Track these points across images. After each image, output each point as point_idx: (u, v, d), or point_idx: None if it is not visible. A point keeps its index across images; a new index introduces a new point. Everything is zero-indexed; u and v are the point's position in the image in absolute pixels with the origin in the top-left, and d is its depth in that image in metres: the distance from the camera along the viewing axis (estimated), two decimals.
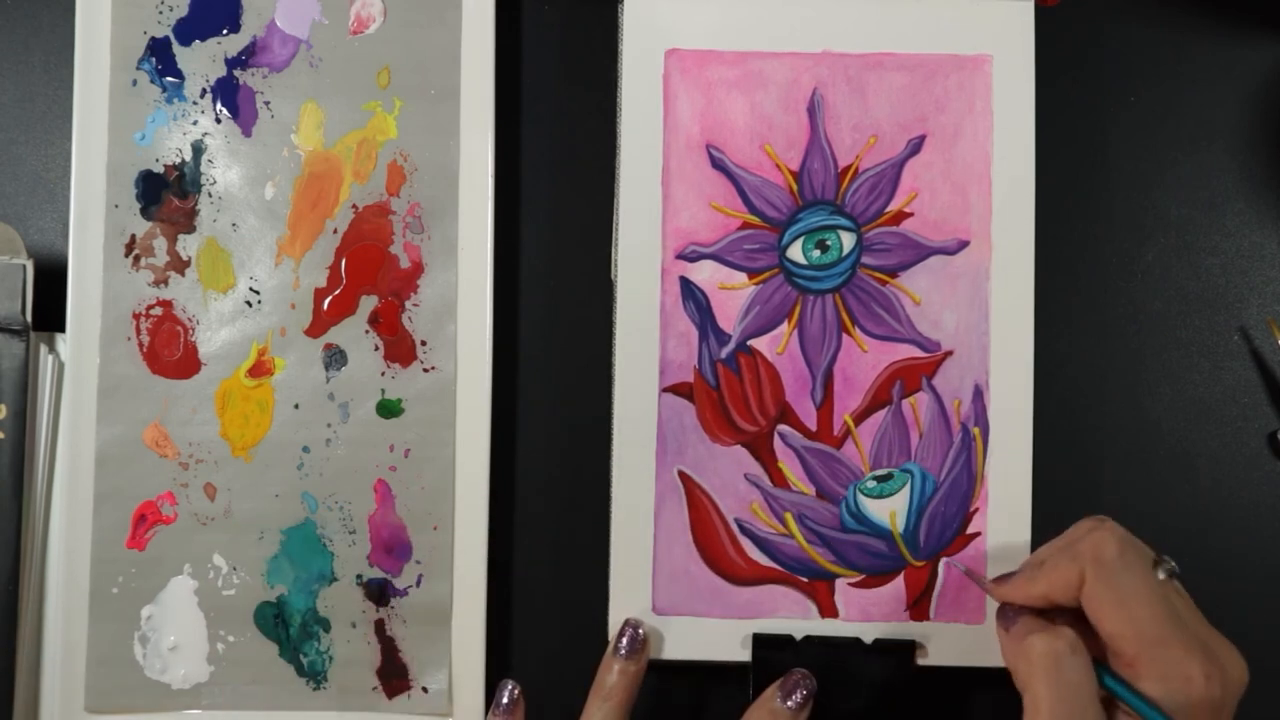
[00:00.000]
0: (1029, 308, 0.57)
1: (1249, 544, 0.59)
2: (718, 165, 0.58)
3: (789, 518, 0.57)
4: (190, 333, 0.58)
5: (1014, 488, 0.57)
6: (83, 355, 0.58)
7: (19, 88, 0.61)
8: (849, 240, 0.57)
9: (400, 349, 0.58)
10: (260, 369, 0.58)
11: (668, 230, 0.58)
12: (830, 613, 0.57)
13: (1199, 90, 0.61)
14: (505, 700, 0.55)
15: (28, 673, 0.57)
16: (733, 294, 0.57)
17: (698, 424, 0.57)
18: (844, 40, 0.58)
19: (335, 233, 0.58)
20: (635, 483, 0.57)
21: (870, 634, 0.57)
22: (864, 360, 0.57)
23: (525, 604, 0.59)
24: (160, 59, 0.58)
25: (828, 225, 0.57)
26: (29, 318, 0.57)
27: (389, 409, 0.58)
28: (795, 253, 0.57)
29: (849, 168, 0.58)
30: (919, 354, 0.57)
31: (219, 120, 0.58)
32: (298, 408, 0.58)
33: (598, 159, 0.59)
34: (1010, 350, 0.57)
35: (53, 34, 0.61)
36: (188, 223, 0.58)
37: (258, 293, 0.58)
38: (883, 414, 0.57)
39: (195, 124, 0.58)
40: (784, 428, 0.57)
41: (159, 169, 0.58)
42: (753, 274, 0.58)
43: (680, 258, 0.58)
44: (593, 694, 0.55)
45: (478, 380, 0.58)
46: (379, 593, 0.58)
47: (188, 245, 0.58)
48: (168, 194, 0.58)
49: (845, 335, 0.57)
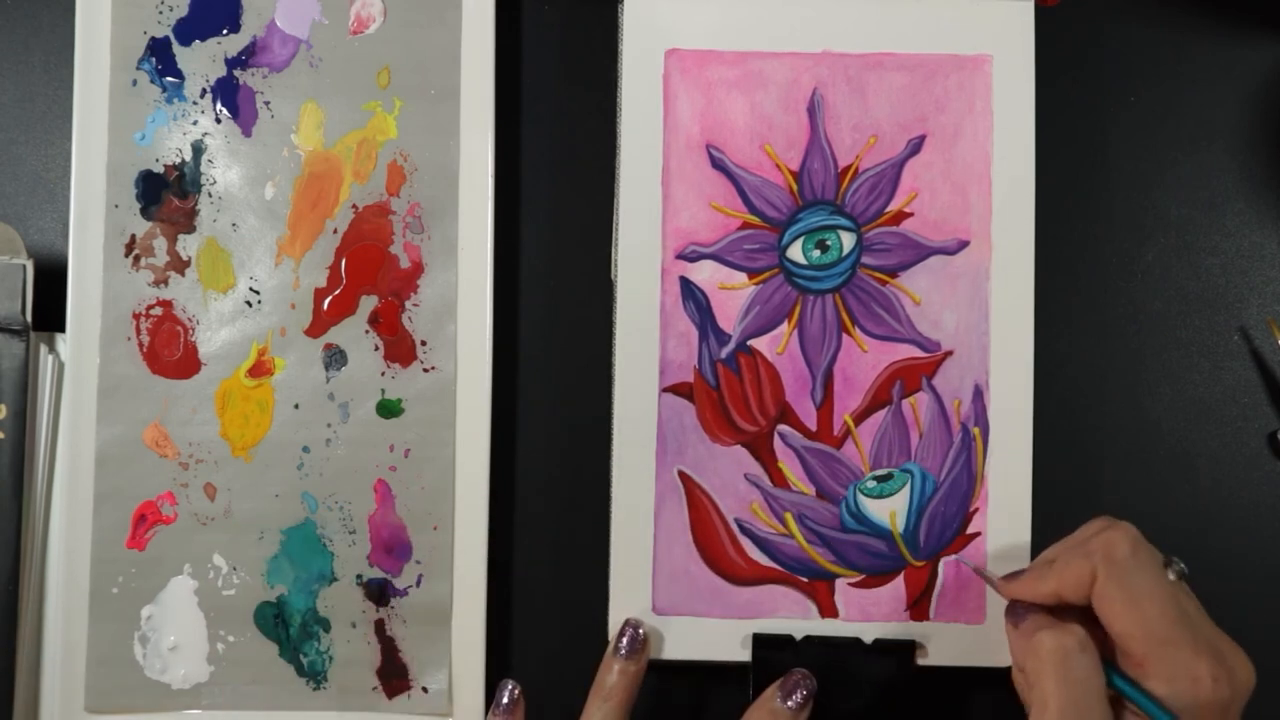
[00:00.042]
0: (1029, 308, 0.57)
1: (1249, 544, 0.59)
2: (718, 165, 0.58)
3: (789, 518, 0.57)
4: (190, 333, 0.58)
5: (1014, 488, 0.57)
6: (83, 355, 0.58)
7: (19, 88, 0.61)
8: (849, 240, 0.57)
9: (400, 349, 0.58)
10: (260, 369, 0.58)
11: (668, 230, 0.58)
12: (830, 613, 0.57)
13: (1199, 90, 0.61)
14: (505, 700, 0.55)
15: (28, 673, 0.57)
16: (733, 294, 0.57)
17: (698, 424, 0.57)
18: (844, 40, 0.58)
19: (335, 233, 0.58)
20: (635, 483, 0.57)
21: (870, 634, 0.57)
22: (864, 360, 0.57)
23: (525, 604, 0.59)
24: (160, 59, 0.58)
25: (828, 225, 0.57)
26: (29, 318, 0.57)
27: (389, 409, 0.58)
28: (795, 253, 0.57)
29: (849, 168, 0.58)
30: (919, 354, 0.57)
31: (219, 120, 0.58)
32: (298, 408, 0.58)
33: (598, 159, 0.59)
34: (1010, 350, 0.57)
35: (53, 34, 0.61)
36: (188, 223, 0.58)
37: (258, 293, 0.58)
38: (883, 414, 0.57)
39: (195, 124, 0.58)
40: (784, 428, 0.57)
41: (159, 169, 0.58)
42: (753, 274, 0.58)
43: (680, 258, 0.58)
44: (593, 694, 0.55)
45: (478, 380, 0.58)
46: (379, 593, 0.58)
47: (188, 245, 0.58)
48: (168, 194, 0.58)
49: (845, 335, 0.57)
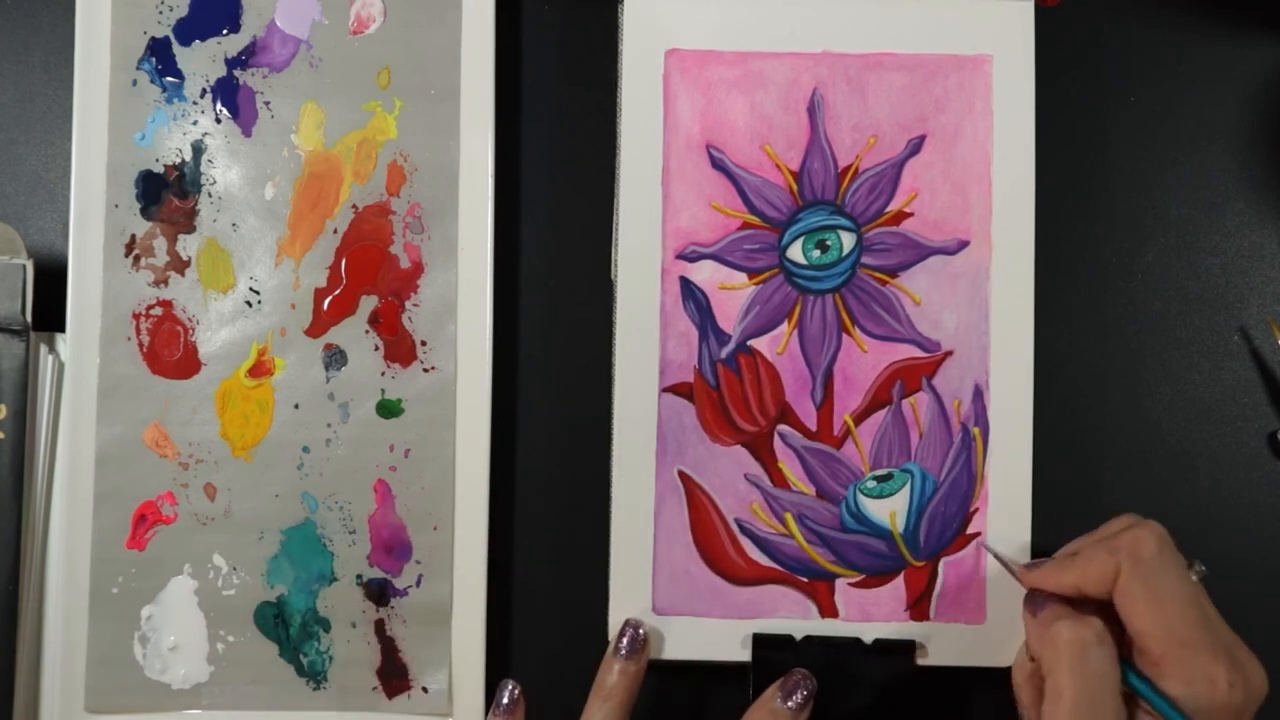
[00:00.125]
0: (1029, 308, 0.57)
1: (1249, 544, 0.59)
2: (718, 165, 0.58)
3: (789, 518, 0.57)
4: (190, 333, 0.58)
5: (1014, 488, 0.57)
6: (83, 355, 0.58)
7: (19, 88, 0.61)
8: (849, 240, 0.57)
9: (400, 349, 0.58)
10: (260, 369, 0.58)
11: (668, 230, 0.58)
12: (830, 613, 0.57)
13: (1199, 90, 0.61)
14: (505, 700, 0.55)
15: (28, 673, 0.57)
16: (733, 294, 0.57)
17: (698, 424, 0.57)
18: (844, 40, 0.58)
19: (335, 233, 0.58)
20: (635, 483, 0.57)
21: (870, 634, 0.57)
22: (864, 360, 0.57)
23: (525, 604, 0.59)
24: (160, 59, 0.58)
25: (828, 225, 0.57)
26: (29, 318, 0.57)
27: (389, 409, 0.58)
28: (795, 253, 0.57)
29: (849, 168, 0.58)
30: (919, 354, 0.57)
31: (219, 120, 0.58)
32: (298, 408, 0.58)
33: (598, 159, 0.59)
34: (1010, 350, 0.57)
35: (53, 34, 0.61)
36: (188, 223, 0.58)
37: (258, 293, 0.58)
38: (883, 414, 0.57)
39: (195, 124, 0.58)
40: (784, 428, 0.57)
41: (159, 169, 0.58)
42: (753, 274, 0.58)
43: (680, 258, 0.58)
44: (593, 694, 0.55)
45: (478, 380, 0.58)
46: (379, 593, 0.58)
47: (188, 245, 0.58)
48: (168, 194, 0.58)
49: (845, 335, 0.57)
